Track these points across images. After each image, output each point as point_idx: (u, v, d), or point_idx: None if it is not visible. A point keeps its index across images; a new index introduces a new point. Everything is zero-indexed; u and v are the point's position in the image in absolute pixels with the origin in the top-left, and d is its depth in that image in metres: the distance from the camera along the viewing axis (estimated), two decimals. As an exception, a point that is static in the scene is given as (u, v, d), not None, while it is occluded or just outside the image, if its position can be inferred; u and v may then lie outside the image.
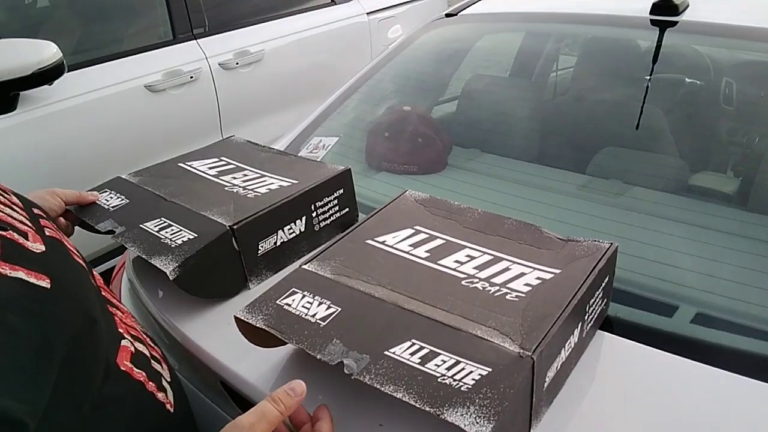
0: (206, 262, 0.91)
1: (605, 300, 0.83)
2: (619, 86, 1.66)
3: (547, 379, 0.68)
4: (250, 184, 1.09)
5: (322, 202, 1.08)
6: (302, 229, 1.05)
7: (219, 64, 2.58)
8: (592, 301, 0.77)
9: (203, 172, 1.16)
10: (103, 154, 2.21)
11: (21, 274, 0.49)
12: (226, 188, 1.08)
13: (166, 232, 0.94)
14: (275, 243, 1.01)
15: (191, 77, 2.49)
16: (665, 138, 1.49)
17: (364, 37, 3.22)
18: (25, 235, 0.55)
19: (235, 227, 0.94)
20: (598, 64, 1.80)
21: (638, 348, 0.80)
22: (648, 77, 1.57)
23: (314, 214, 1.07)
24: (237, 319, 0.75)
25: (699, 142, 1.51)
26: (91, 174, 1.21)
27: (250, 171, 1.14)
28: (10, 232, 0.53)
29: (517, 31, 1.97)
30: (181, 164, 1.19)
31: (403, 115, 1.55)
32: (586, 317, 0.76)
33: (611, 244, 0.80)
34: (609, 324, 0.85)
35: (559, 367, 0.71)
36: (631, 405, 0.72)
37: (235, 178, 1.12)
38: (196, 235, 0.93)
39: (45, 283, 0.51)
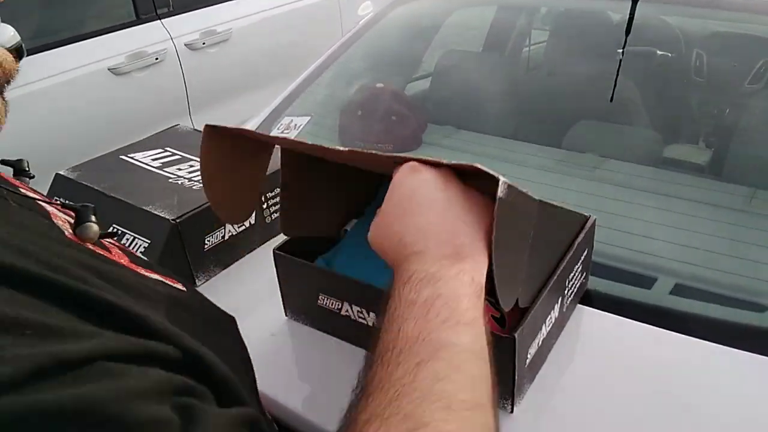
0: (150, 258, 0.87)
1: (585, 274, 0.82)
2: (592, 60, 1.65)
3: (528, 357, 0.67)
4: (196, 175, 1.04)
5: (273, 193, 1.04)
6: (252, 222, 1.02)
7: (185, 45, 2.52)
8: (572, 275, 0.76)
9: (146, 164, 1.10)
10: (66, 141, 2.13)
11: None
12: (170, 180, 1.03)
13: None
14: (223, 237, 0.98)
15: (156, 59, 2.42)
16: (639, 110, 1.49)
17: (334, 14, 3.16)
18: None
19: (178, 221, 0.90)
20: (571, 38, 1.79)
21: (618, 321, 0.80)
22: (620, 50, 1.56)
23: (265, 206, 1.03)
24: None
25: (672, 114, 1.51)
26: (54, 161, 1.17)
27: (196, 161, 1.10)
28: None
29: (488, 4, 1.95)
30: (122, 156, 1.13)
31: (376, 93, 1.52)
32: (566, 292, 0.75)
33: (589, 216, 0.80)
34: (589, 298, 0.84)
35: (540, 343, 0.70)
36: (613, 377, 0.72)
37: (180, 169, 1.07)
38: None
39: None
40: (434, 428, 0.34)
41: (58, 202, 0.55)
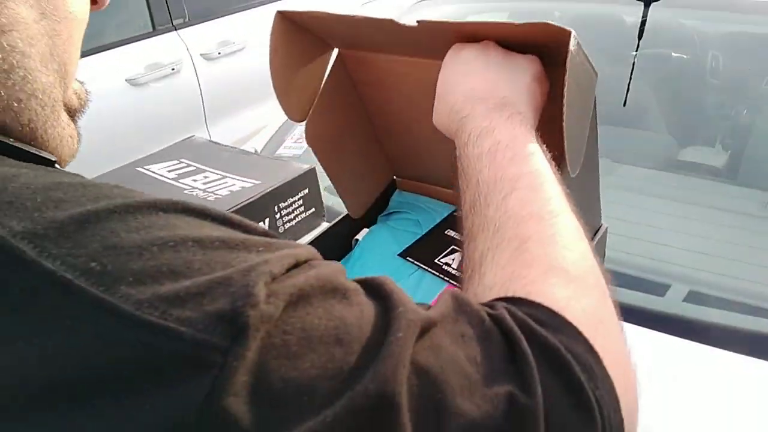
0: None
1: None
2: (605, 63, 1.65)
3: None
4: (211, 187, 1.05)
5: (286, 203, 1.05)
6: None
7: (201, 55, 2.55)
8: None
9: (162, 175, 1.11)
10: (85, 152, 2.16)
11: None
12: (185, 192, 1.04)
13: None
14: None
15: (173, 69, 2.45)
16: (653, 114, 1.48)
17: (348, 21, 3.18)
18: None
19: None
20: (584, 41, 1.78)
21: (630, 328, 0.79)
22: (634, 53, 1.56)
23: (278, 216, 1.04)
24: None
25: (687, 117, 1.50)
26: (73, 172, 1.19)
27: (211, 173, 1.11)
28: None
29: (501, 11, 1.95)
30: (138, 168, 1.15)
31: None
32: None
33: (602, 225, 0.79)
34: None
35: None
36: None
37: (195, 180, 1.08)
38: None
39: None
40: (537, 238, 0.40)
41: None
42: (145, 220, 0.30)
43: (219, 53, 2.60)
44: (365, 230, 0.93)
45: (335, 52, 0.82)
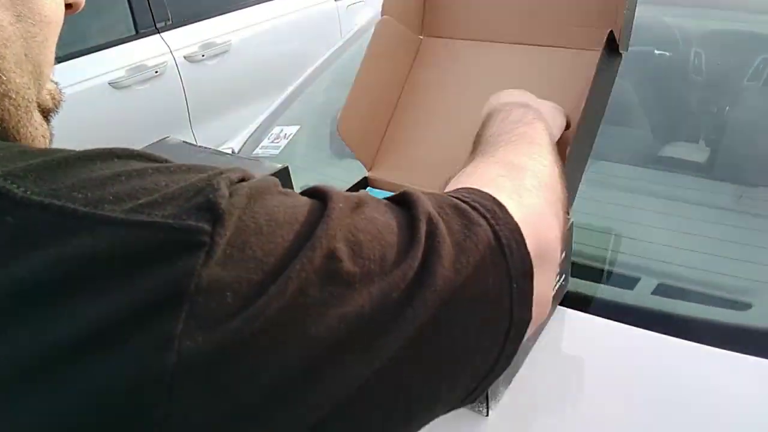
0: None
1: (563, 276, 0.81)
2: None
3: None
4: None
5: None
6: None
7: (184, 57, 2.54)
8: None
9: None
10: (68, 155, 2.16)
11: None
12: None
13: None
14: None
15: (156, 72, 2.44)
16: (633, 111, 1.47)
17: (333, 23, 3.18)
18: None
19: None
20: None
21: (599, 321, 0.78)
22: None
23: None
24: None
25: (670, 113, 1.49)
26: None
27: None
28: None
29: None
30: None
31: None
32: None
33: (567, 218, 0.78)
34: (572, 300, 0.83)
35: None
36: (591, 380, 0.71)
37: None
38: None
39: None
40: (511, 157, 0.51)
41: None
42: (106, 163, 0.34)
43: (203, 55, 2.59)
44: None
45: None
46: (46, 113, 0.46)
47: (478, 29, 0.96)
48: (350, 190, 0.97)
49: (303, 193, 0.39)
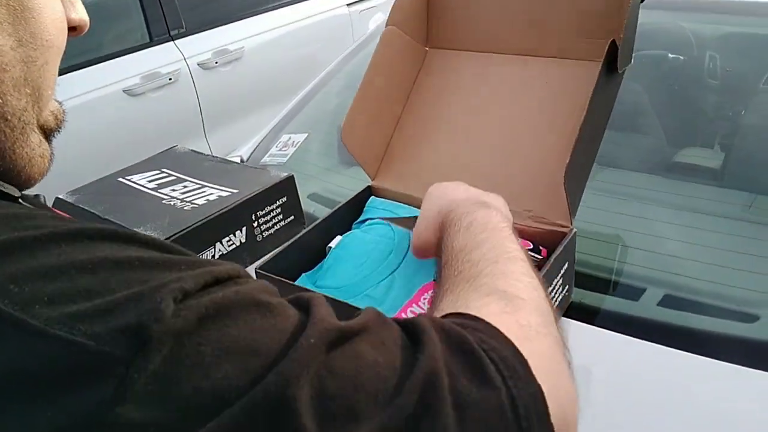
0: None
1: (567, 287, 0.80)
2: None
3: None
4: (189, 196, 1.04)
5: (263, 211, 1.04)
6: (243, 240, 1.01)
7: (198, 64, 2.56)
8: (551, 288, 0.74)
9: (142, 185, 1.11)
10: (83, 162, 2.18)
11: None
12: (163, 201, 1.03)
13: None
14: (213, 256, 0.98)
15: (170, 79, 2.46)
16: (647, 117, 1.46)
17: (345, 29, 3.18)
18: None
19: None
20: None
21: (603, 333, 0.77)
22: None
23: (255, 224, 1.03)
24: None
25: (684, 118, 1.47)
26: (71, 183, 1.19)
27: (191, 182, 1.10)
28: None
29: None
30: (120, 179, 1.14)
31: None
32: None
33: (570, 229, 0.78)
34: (577, 311, 0.82)
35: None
36: (595, 392, 0.70)
37: (174, 190, 1.08)
38: None
39: None
40: (488, 273, 0.46)
41: None
42: (69, 247, 0.32)
43: (216, 62, 2.61)
44: (338, 237, 0.92)
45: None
46: (48, 133, 0.46)
47: (481, 40, 0.96)
48: (354, 199, 0.97)
49: (289, 301, 0.35)
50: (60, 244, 0.32)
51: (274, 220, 1.07)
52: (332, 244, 0.91)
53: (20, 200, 0.43)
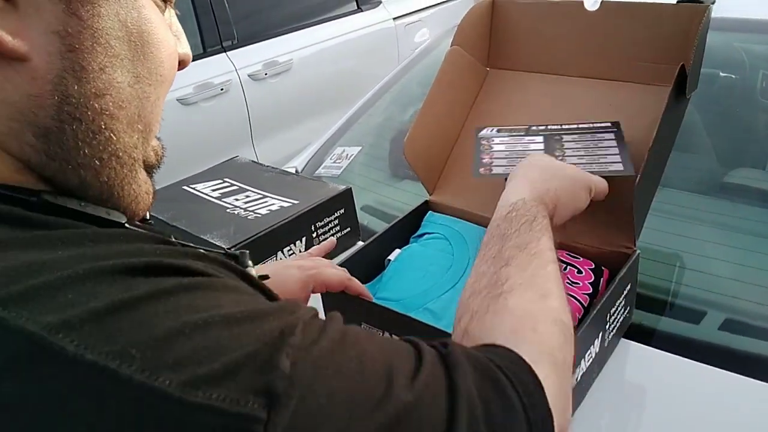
0: None
1: (628, 308, 0.81)
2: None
3: None
4: (251, 206, 1.09)
5: (322, 222, 1.08)
6: (302, 250, 1.05)
7: (248, 75, 2.62)
8: (614, 309, 0.75)
9: (206, 194, 1.16)
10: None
11: None
12: (227, 210, 1.08)
13: None
14: None
15: (222, 89, 2.53)
16: (697, 136, 1.45)
17: (391, 42, 3.22)
18: None
19: (232, 249, 0.94)
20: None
21: (663, 355, 0.78)
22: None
23: (314, 235, 1.07)
24: None
25: (736, 138, 1.46)
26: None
27: (252, 192, 1.15)
28: None
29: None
30: (185, 187, 1.20)
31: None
32: (607, 326, 0.74)
33: (634, 250, 0.79)
34: (636, 332, 0.83)
35: (578, 378, 0.70)
36: (654, 415, 0.71)
37: (237, 199, 1.12)
38: None
39: None
40: (555, 297, 0.51)
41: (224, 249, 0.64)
42: (180, 299, 0.33)
43: (266, 74, 2.67)
44: (397, 251, 0.94)
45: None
46: (150, 168, 0.46)
47: (544, 62, 0.98)
48: (411, 213, 0.99)
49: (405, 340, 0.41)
50: (160, 299, 0.32)
51: (331, 231, 1.10)
52: (391, 257, 0.93)
53: (126, 226, 0.43)
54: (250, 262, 0.57)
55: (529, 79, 0.99)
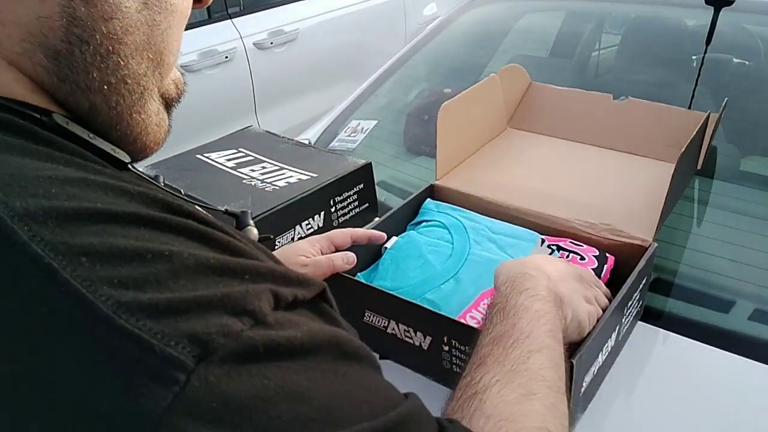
0: None
1: (641, 302, 0.80)
2: (665, 66, 1.61)
3: (584, 384, 0.66)
4: (269, 177, 1.06)
5: (341, 197, 1.05)
6: (320, 225, 1.03)
7: (254, 44, 2.58)
8: (630, 303, 0.74)
9: (221, 164, 1.13)
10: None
11: None
12: (244, 181, 1.05)
13: None
14: (292, 238, 0.99)
15: (226, 57, 2.49)
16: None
17: (399, 15, 3.18)
18: None
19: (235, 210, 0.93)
20: (643, 43, 1.74)
21: (692, 344, 0.78)
22: (694, 57, 1.51)
23: (333, 209, 1.05)
24: None
25: (751, 125, 1.45)
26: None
27: (269, 163, 1.12)
28: None
29: (558, 10, 1.92)
30: (199, 156, 1.16)
31: (443, 98, 1.52)
32: (623, 320, 0.74)
33: (651, 243, 0.78)
34: (658, 318, 0.83)
35: (595, 371, 0.69)
36: (670, 405, 0.70)
37: (253, 170, 1.09)
38: None
39: None
40: (540, 399, 0.47)
41: (223, 209, 0.62)
42: (149, 233, 0.31)
43: (271, 43, 2.63)
44: (394, 238, 0.91)
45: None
46: (170, 102, 0.46)
47: (560, 129, 1.12)
48: (413, 200, 0.97)
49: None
50: (140, 227, 0.31)
51: (350, 206, 1.08)
52: (388, 245, 0.89)
53: (129, 167, 0.43)
54: (251, 222, 0.57)
55: (546, 141, 1.14)
